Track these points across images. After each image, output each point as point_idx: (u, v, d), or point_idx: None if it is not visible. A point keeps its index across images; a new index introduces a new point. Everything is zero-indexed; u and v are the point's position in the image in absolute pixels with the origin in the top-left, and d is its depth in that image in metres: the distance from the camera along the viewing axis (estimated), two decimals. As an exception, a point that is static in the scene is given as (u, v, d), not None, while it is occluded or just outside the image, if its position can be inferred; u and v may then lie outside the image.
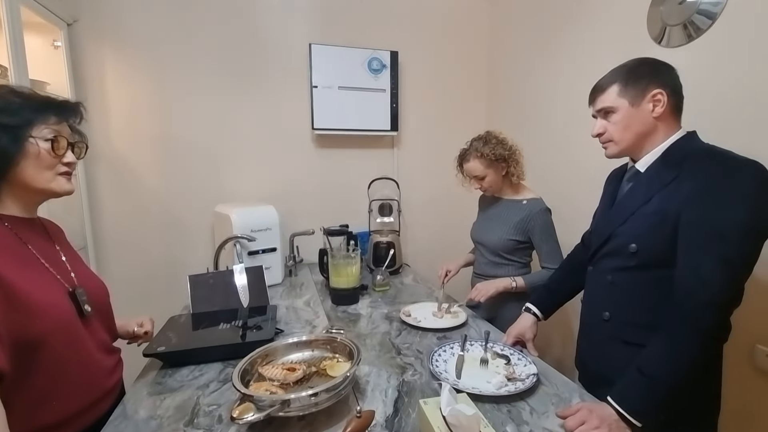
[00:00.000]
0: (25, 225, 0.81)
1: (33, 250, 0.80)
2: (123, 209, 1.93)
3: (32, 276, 0.76)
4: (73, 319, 0.79)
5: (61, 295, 0.79)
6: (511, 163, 1.45)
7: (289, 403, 0.76)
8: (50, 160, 0.78)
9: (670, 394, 0.76)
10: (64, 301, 0.79)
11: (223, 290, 1.39)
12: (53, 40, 1.70)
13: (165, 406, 0.88)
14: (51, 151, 0.78)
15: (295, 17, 2.09)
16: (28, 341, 0.70)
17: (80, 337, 0.80)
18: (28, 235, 0.81)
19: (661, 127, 0.89)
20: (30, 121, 0.75)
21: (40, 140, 0.76)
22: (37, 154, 0.76)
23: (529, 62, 2.10)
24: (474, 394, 0.86)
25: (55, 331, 0.74)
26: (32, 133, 0.75)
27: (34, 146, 0.75)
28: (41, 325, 0.72)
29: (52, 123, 0.79)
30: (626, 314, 0.94)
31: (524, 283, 1.40)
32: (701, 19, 1.25)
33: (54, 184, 0.80)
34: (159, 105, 1.94)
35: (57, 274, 0.81)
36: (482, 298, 1.39)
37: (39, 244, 0.82)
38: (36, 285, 0.74)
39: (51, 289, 0.78)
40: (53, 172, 0.79)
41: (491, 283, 1.42)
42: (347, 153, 2.28)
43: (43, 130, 0.77)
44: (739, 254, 0.76)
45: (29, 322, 0.70)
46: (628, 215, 0.92)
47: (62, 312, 0.77)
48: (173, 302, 1.61)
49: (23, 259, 0.77)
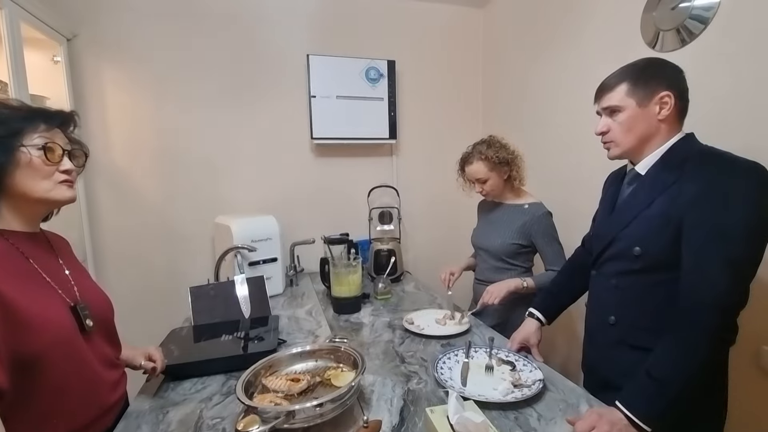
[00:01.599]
0: (27, 239, 0.81)
1: (35, 264, 0.79)
2: (123, 222, 1.93)
3: (33, 291, 0.75)
4: (73, 335, 0.78)
5: (62, 311, 0.78)
6: (513, 167, 1.46)
7: (294, 414, 0.75)
8: (46, 169, 0.77)
9: (679, 397, 0.76)
10: (65, 317, 0.78)
11: (224, 301, 1.38)
12: (53, 55, 1.72)
13: (168, 420, 0.87)
14: (45, 159, 0.77)
15: (293, 29, 2.11)
16: (27, 358, 0.69)
17: (82, 353, 0.79)
18: (30, 249, 0.80)
19: (663, 130, 0.90)
20: (18, 131, 0.75)
21: (31, 149, 0.75)
22: (29, 162, 0.75)
23: (523, 68, 2.12)
24: (480, 402, 0.85)
25: (55, 347, 0.73)
26: (23, 142, 0.75)
27: (26, 155, 0.75)
28: (41, 341, 0.71)
29: (42, 131, 0.78)
30: (632, 318, 0.94)
31: (534, 283, 1.39)
32: (694, 23, 1.27)
33: (54, 192, 0.79)
34: (158, 118, 1.95)
35: (59, 289, 0.81)
36: (496, 300, 1.37)
37: (42, 259, 0.82)
38: (36, 300, 0.74)
39: (52, 305, 0.77)
40: (52, 181, 0.79)
41: (502, 283, 1.40)
42: (346, 162, 2.29)
43: (35, 138, 0.76)
44: (743, 255, 0.76)
45: (29, 338, 0.69)
46: (631, 219, 0.92)
47: (62, 327, 0.76)
48: (174, 314, 1.60)
49: (24, 274, 0.77)
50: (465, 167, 1.52)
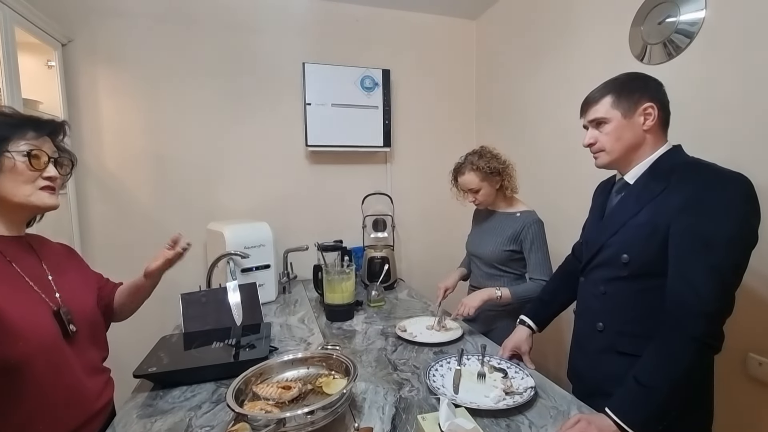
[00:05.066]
0: (10, 243, 0.80)
1: (18, 268, 0.79)
2: (114, 228, 1.91)
3: (15, 296, 0.75)
4: (56, 341, 0.77)
5: (44, 316, 0.77)
6: (505, 176, 1.48)
7: (284, 422, 0.74)
8: (28, 174, 0.78)
9: (667, 403, 0.76)
10: (48, 322, 0.77)
11: (215, 308, 1.37)
12: (47, 60, 1.71)
13: (156, 428, 0.86)
14: (29, 165, 0.77)
15: (289, 37, 2.13)
16: (9, 364, 0.68)
17: (65, 359, 0.79)
18: (13, 253, 0.80)
19: (649, 140, 0.92)
20: (5, 137, 0.76)
21: (16, 154, 0.76)
22: (13, 167, 0.76)
23: (516, 79, 2.16)
24: (472, 409, 0.85)
25: (37, 353, 0.72)
26: (8, 148, 0.76)
27: (9, 160, 0.76)
28: (24, 347, 0.70)
29: (30, 138, 0.79)
30: (620, 324, 0.95)
31: (509, 294, 1.40)
32: (680, 38, 1.31)
33: (34, 197, 0.79)
34: (152, 124, 1.94)
35: (42, 293, 0.80)
36: (471, 311, 1.37)
37: (25, 263, 0.81)
38: (18, 305, 0.73)
39: (34, 310, 0.76)
40: (33, 186, 0.79)
41: (476, 294, 1.41)
42: (341, 169, 2.30)
43: (21, 145, 0.77)
44: (728, 263, 0.78)
45: (11, 344, 0.68)
46: (619, 226, 0.94)
47: (45, 333, 0.75)
48: (165, 322, 1.58)
49: (7, 278, 0.76)
50: (458, 177, 1.54)
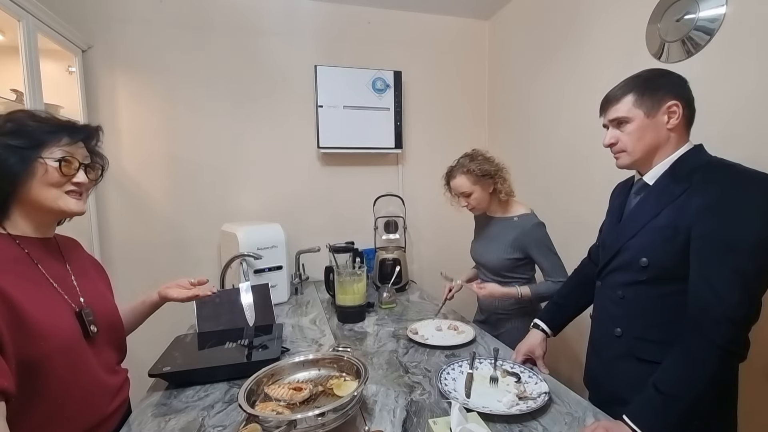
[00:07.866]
0: (37, 244, 0.82)
1: (43, 269, 0.80)
2: (131, 229, 1.95)
3: (39, 296, 0.76)
4: (77, 340, 0.79)
5: (66, 316, 0.79)
6: (497, 179, 1.43)
7: (295, 423, 0.74)
8: (57, 179, 0.79)
9: (687, 411, 0.74)
10: (70, 322, 0.79)
11: (228, 309, 1.38)
12: (68, 66, 1.77)
13: (170, 427, 0.87)
14: (59, 170, 0.79)
15: (301, 40, 2.15)
16: (31, 363, 0.69)
17: (84, 359, 0.80)
18: (40, 254, 0.81)
19: (672, 140, 0.89)
20: (41, 143, 0.77)
21: (49, 160, 0.78)
22: (45, 173, 0.77)
23: (529, 79, 2.13)
24: (484, 414, 0.84)
25: (59, 353, 0.74)
26: (42, 154, 0.77)
27: (42, 166, 0.77)
28: (45, 346, 0.71)
29: (64, 144, 0.80)
30: (638, 330, 0.92)
31: (529, 292, 1.38)
32: (699, 35, 1.27)
33: (61, 201, 0.81)
34: (168, 127, 1.98)
35: (65, 294, 0.82)
36: (484, 293, 1.38)
37: (50, 264, 0.83)
38: (42, 305, 0.75)
39: (56, 310, 0.78)
40: (60, 190, 0.80)
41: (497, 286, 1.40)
42: (352, 171, 2.31)
43: (55, 151, 0.79)
44: (753, 267, 0.75)
45: (33, 343, 0.70)
46: (638, 229, 0.91)
47: (67, 333, 0.77)
48: (179, 322, 1.60)
49: (32, 278, 0.78)
50: (450, 181, 1.50)
